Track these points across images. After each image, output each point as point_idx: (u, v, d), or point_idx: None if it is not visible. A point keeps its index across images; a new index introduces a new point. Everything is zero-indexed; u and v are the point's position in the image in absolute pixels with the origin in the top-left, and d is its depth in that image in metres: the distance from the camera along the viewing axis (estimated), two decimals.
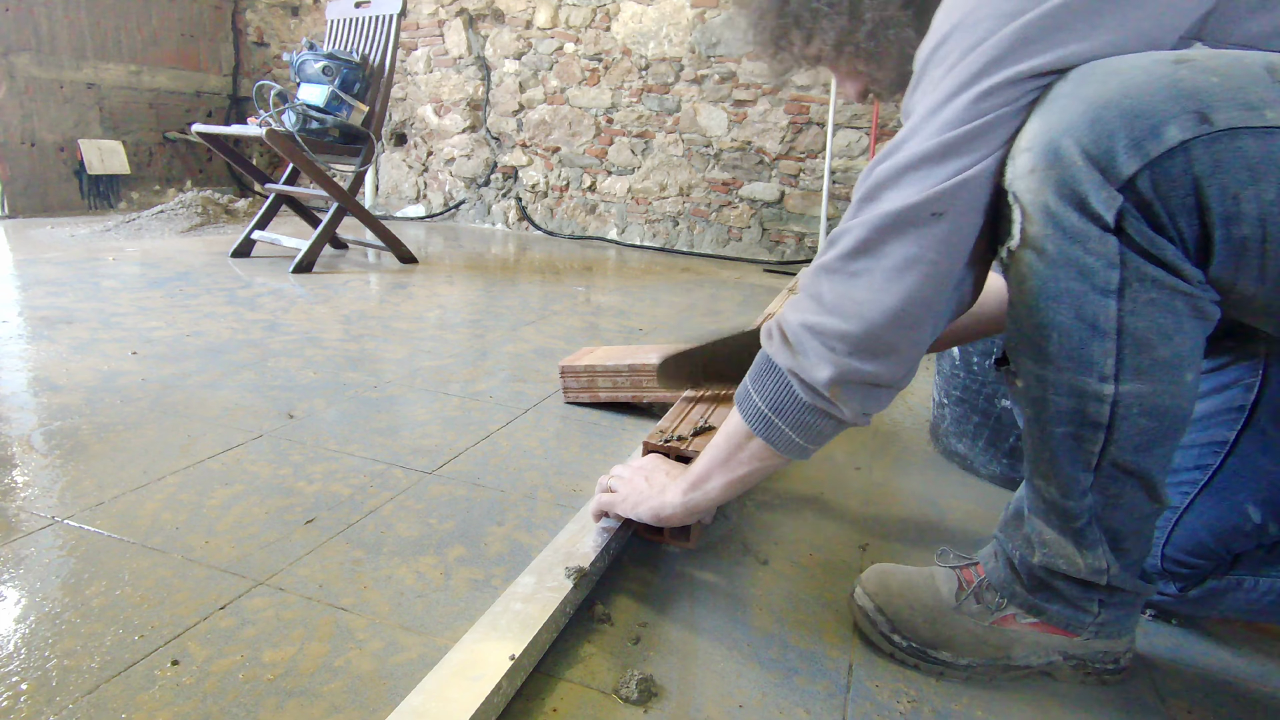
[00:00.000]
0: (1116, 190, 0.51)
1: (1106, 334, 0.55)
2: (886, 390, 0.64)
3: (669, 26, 3.54)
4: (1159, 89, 0.50)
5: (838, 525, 1.02)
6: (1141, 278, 0.53)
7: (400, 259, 2.89)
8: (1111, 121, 0.50)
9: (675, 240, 3.76)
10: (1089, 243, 0.53)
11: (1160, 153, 0.49)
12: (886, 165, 0.59)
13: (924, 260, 0.57)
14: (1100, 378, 0.56)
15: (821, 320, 0.62)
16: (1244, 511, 0.73)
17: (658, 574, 0.87)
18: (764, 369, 0.68)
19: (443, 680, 0.60)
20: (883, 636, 0.74)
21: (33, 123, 3.61)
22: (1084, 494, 0.62)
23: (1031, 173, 0.54)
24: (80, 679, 0.64)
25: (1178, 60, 0.51)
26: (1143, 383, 0.56)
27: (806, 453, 0.69)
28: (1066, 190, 0.52)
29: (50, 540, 0.85)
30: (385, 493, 1.02)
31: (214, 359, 1.55)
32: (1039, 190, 0.53)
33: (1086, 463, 0.60)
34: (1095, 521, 0.63)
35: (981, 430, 1.19)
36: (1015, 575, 0.70)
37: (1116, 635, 0.70)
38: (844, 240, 0.61)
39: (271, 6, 4.50)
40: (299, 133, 2.48)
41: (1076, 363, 0.57)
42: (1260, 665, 0.78)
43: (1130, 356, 0.55)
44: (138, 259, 2.64)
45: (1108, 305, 0.54)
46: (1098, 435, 0.59)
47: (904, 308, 0.58)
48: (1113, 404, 0.57)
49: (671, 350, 1.12)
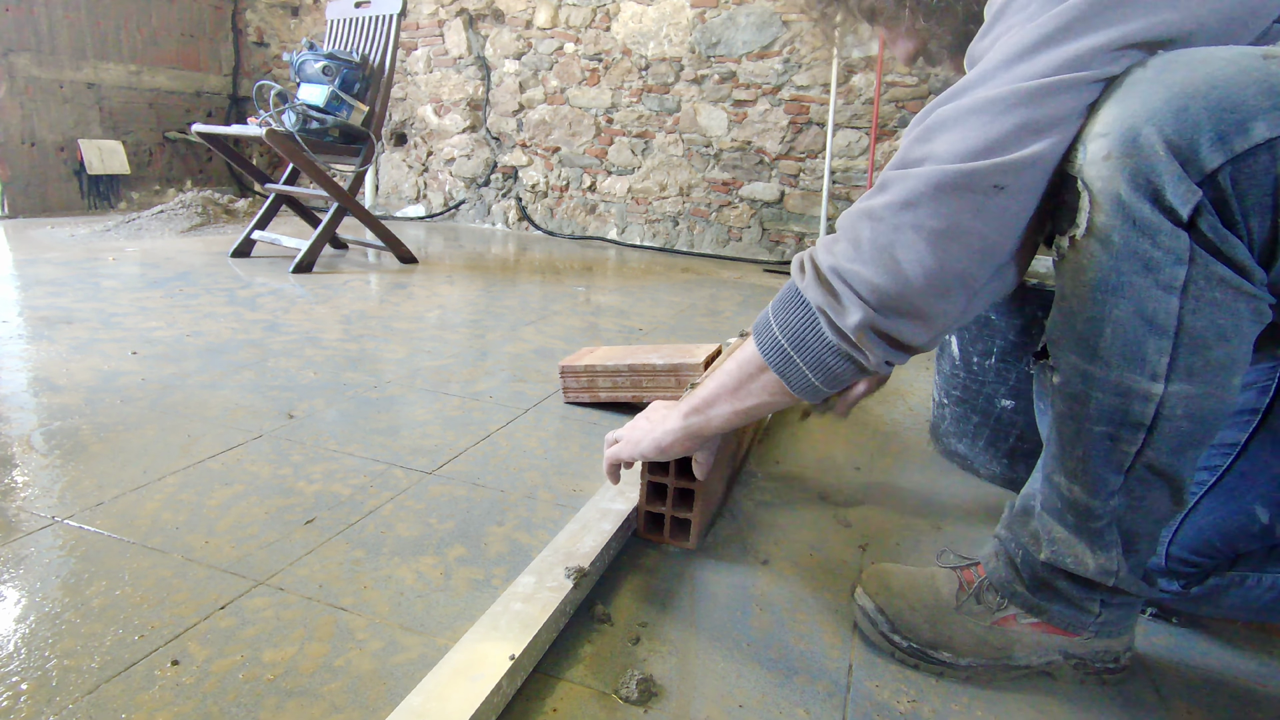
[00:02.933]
0: (1196, 184, 0.49)
1: (1164, 331, 0.53)
2: (908, 351, 0.61)
3: (669, 26, 3.54)
4: (1248, 82, 0.48)
5: (838, 525, 1.02)
6: (1208, 276, 0.51)
7: (400, 259, 2.89)
8: (1197, 112, 0.48)
9: (675, 240, 3.76)
10: (1159, 236, 0.51)
11: (1246, 149, 0.48)
12: (950, 107, 0.56)
13: (975, 232, 0.54)
14: (1151, 376, 0.55)
15: (857, 268, 0.59)
16: (1252, 513, 0.73)
17: (658, 574, 0.87)
18: (790, 302, 0.65)
19: (443, 680, 0.60)
20: (883, 637, 0.74)
21: (33, 123, 3.61)
22: (1111, 495, 0.61)
23: (1106, 159, 0.51)
24: (80, 679, 0.64)
25: (1266, 55, 0.49)
26: (1192, 384, 0.55)
27: (818, 395, 0.66)
28: (1142, 180, 0.50)
29: (50, 540, 0.85)
30: (385, 493, 1.02)
31: (214, 359, 1.55)
32: (1112, 178, 0.51)
33: (1119, 464, 0.59)
34: (1115, 524, 0.63)
35: (981, 430, 1.19)
36: (1016, 575, 0.70)
37: (1116, 634, 0.70)
38: (895, 188, 0.57)
39: (271, 6, 4.50)
40: (299, 133, 2.48)
41: (1128, 360, 0.55)
42: (1260, 665, 0.78)
43: (1184, 356, 0.54)
44: (138, 259, 2.63)
45: (1170, 302, 0.52)
46: (1137, 436, 0.57)
47: (943, 275, 0.56)
48: (1159, 404, 0.55)
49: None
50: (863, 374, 0.63)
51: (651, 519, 0.93)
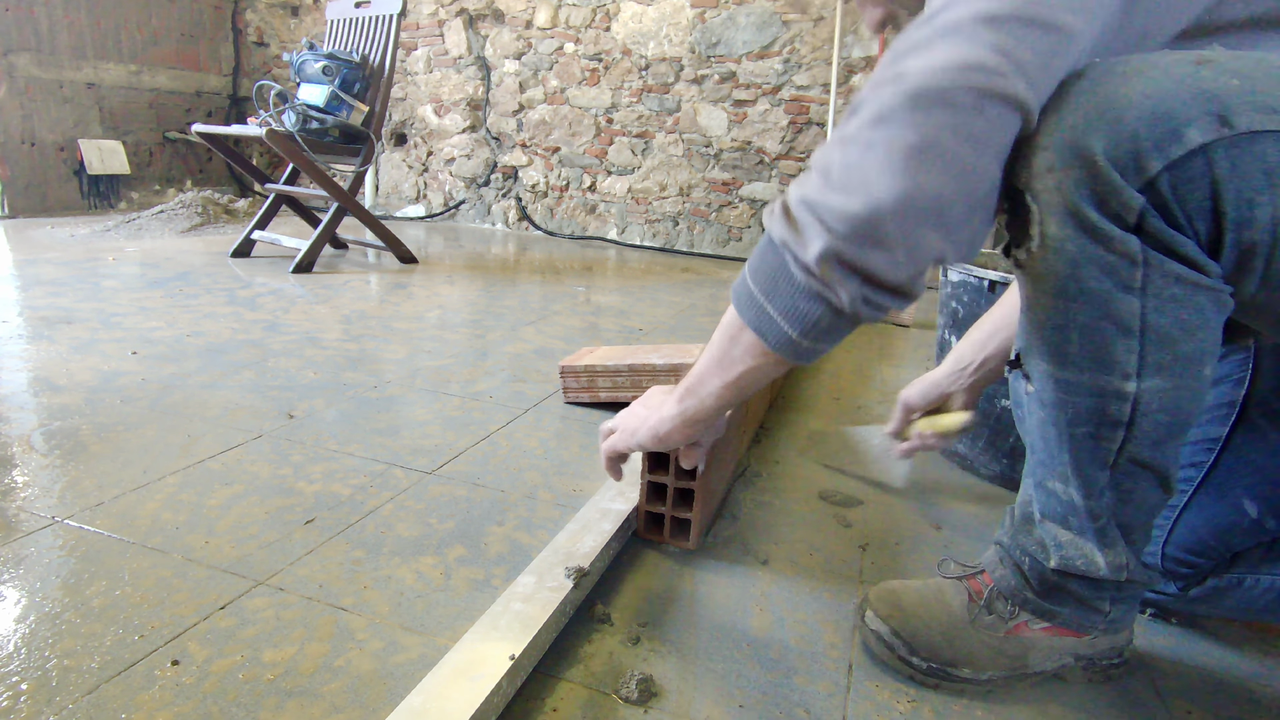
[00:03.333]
0: (1137, 191, 0.50)
1: (1130, 331, 0.54)
2: (885, 293, 0.56)
3: (669, 26, 3.54)
4: (1181, 90, 0.49)
5: (838, 525, 1.02)
6: (1164, 274, 0.52)
7: (400, 259, 2.89)
8: (1133, 122, 0.50)
9: (675, 240, 3.76)
10: (1111, 242, 0.52)
11: (1181, 155, 0.49)
12: (916, 33, 0.53)
13: (952, 153, 0.51)
14: (1123, 375, 0.56)
15: (824, 197, 0.54)
16: (1241, 507, 0.73)
17: (658, 574, 0.87)
18: (761, 249, 0.61)
19: (443, 680, 0.60)
20: (902, 661, 0.72)
21: (33, 123, 3.61)
22: (1102, 492, 0.62)
23: (1050, 172, 0.52)
24: (80, 679, 0.64)
25: (1199, 61, 0.50)
26: (1164, 379, 0.56)
27: (799, 352, 0.61)
28: (1087, 190, 0.51)
29: (50, 540, 0.85)
30: (385, 493, 1.02)
31: (214, 359, 1.55)
32: (1058, 190, 0.52)
33: (1104, 461, 0.60)
34: (1112, 518, 0.63)
35: (981, 430, 1.19)
36: (1025, 581, 0.69)
37: (1121, 630, 0.70)
38: (867, 107, 0.53)
39: (271, 6, 4.50)
40: (299, 133, 2.48)
41: (1099, 363, 0.56)
42: (1260, 665, 0.78)
43: (1153, 353, 0.55)
44: (138, 259, 2.63)
45: (1131, 302, 0.53)
46: (1117, 433, 0.58)
47: (916, 197, 0.51)
48: (1134, 401, 0.56)
49: None
50: (840, 320, 0.58)
51: (651, 519, 0.93)
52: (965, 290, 1.20)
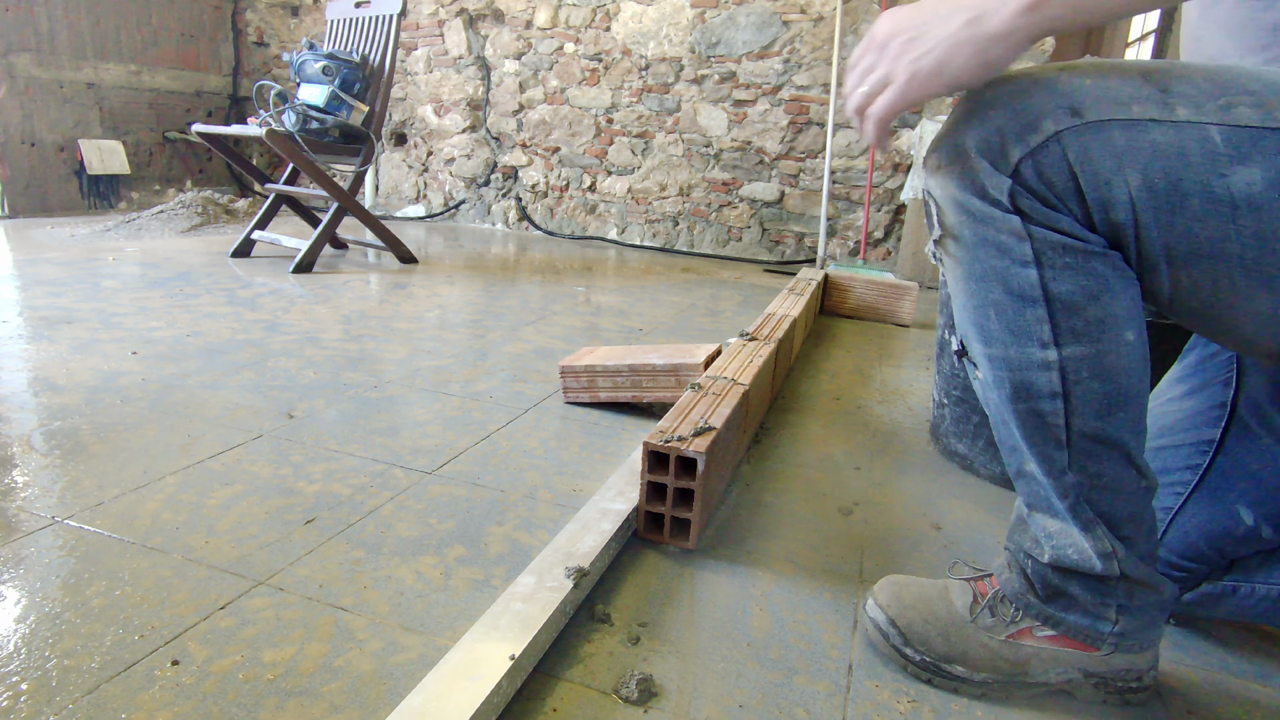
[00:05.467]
0: (1006, 176, 0.56)
1: (1035, 301, 0.59)
2: None
3: (669, 26, 3.54)
4: (1040, 89, 0.55)
5: (838, 525, 1.02)
6: (1052, 246, 0.57)
7: (400, 259, 2.89)
8: (999, 118, 0.56)
9: (675, 240, 3.76)
10: (996, 223, 0.58)
11: (1038, 143, 0.55)
12: None
13: None
14: (1040, 344, 0.60)
15: None
16: (1235, 514, 0.73)
17: (658, 574, 0.87)
18: None
19: (443, 680, 0.60)
20: (895, 650, 0.73)
21: (33, 123, 3.61)
22: (1064, 471, 0.63)
23: (938, 169, 0.60)
24: (80, 679, 0.64)
25: (1062, 68, 0.56)
26: (1082, 345, 0.59)
27: None
28: (968, 181, 0.58)
29: (50, 540, 0.85)
30: (385, 493, 1.02)
31: (214, 359, 1.55)
32: (945, 184, 0.60)
33: (1056, 438, 0.62)
34: (1084, 500, 0.63)
35: (981, 430, 1.19)
36: (1029, 584, 0.69)
37: (1138, 649, 0.68)
38: None
39: (271, 6, 4.50)
40: (299, 133, 2.48)
41: (1016, 335, 0.60)
42: (1260, 665, 0.78)
43: (1063, 320, 0.59)
44: (138, 259, 2.63)
45: (1029, 274, 0.58)
46: (1056, 404, 0.61)
47: None
48: (1060, 370, 0.60)
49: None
50: None
51: (651, 519, 0.93)
52: None
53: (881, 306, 2.42)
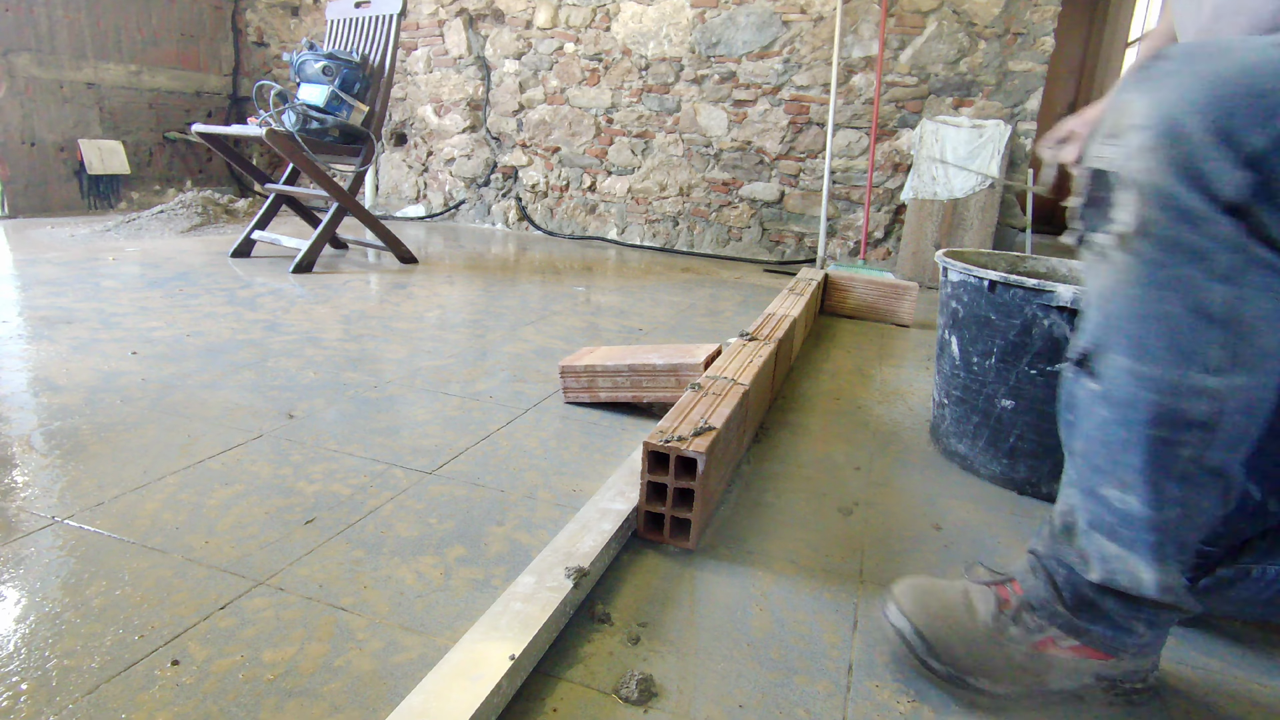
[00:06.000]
0: (1245, 168, 0.48)
1: (1216, 322, 0.51)
2: None
3: (669, 26, 3.54)
4: (1275, 69, 0.48)
5: (837, 525, 1.02)
6: (1259, 262, 0.50)
7: (400, 259, 2.89)
8: (1235, 98, 0.48)
9: (675, 240, 3.76)
10: (1207, 225, 0.50)
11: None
12: None
13: None
14: (1204, 370, 0.53)
15: None
16: (1246, 490, 0.72)
17: (658, 574, 0.87)
18: None
19: (443, 680, 0.60)
20: (920, 662, 0.71)
21: (33, 123, 3.61)
22: (1172, 505, 0.58)
23: (1146, 151, 0.50)
24: (80, 679, 0.64)
25: (1278, 45, 0.49)
26: (1245, 374, 0.53)
27: None
28: (1189, 169, 0.49)
29: (50, 540, 0.85)
30: (385, 493, 1.02)
31: (214, 359, 1.55)
32: (1154, 170, 0.50)
33: (1180, 472, 0.56)
34: (1172, 537, 0.59)
35: (981, 430, 1.19)
36: (1057, 595, 0.67)
37: (1150, 654, 0.68)
38: None
39: (271, 6, 4.49)
40: (299, 133, 2.48)
41: (1182, 355, 0.53)
42: (1261, 665, 0.78)
43: (1238, 346, 0.52)
44: (138, 259, 2.63)
45: (1222, 291, 0.51)
46: (1193, 435, 0.55)
47: None
48: (1214, 399, 0.53)
49: None
50: None
51: (651, 519, 0.93)
52: (965, 290, 1.20)
53: (881, 306, 2.42)
